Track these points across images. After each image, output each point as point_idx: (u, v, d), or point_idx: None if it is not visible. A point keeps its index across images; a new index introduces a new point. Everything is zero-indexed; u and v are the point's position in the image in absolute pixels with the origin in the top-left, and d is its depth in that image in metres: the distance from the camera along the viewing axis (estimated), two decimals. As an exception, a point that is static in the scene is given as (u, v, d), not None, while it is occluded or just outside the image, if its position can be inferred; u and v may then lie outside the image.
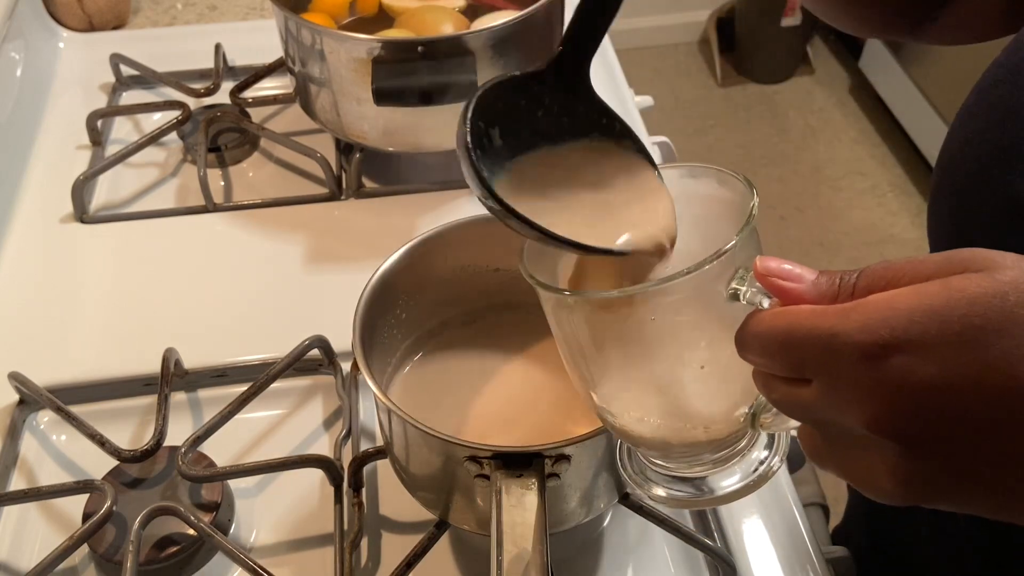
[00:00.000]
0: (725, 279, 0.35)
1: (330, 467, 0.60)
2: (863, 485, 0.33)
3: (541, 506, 0.45)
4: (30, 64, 0.93)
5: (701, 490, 0.42)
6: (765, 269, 0.34)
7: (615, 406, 0.40)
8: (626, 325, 0.38)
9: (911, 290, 0.30)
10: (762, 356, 0.34)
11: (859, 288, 0.32)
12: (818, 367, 0.32)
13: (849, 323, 0.30)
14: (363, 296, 0.54)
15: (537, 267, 0.40)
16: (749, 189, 0.38)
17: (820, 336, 0.31)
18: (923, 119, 2.16)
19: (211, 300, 0.74)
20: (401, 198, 0.82)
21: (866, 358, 0.30)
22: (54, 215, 0.80)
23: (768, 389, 0.35)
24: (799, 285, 0.33)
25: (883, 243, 2.09)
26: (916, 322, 0.29)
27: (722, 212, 0.40)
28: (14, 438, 0.64)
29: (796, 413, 0.35)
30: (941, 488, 0.31)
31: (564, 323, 0.40)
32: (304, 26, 0.74)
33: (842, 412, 0.31)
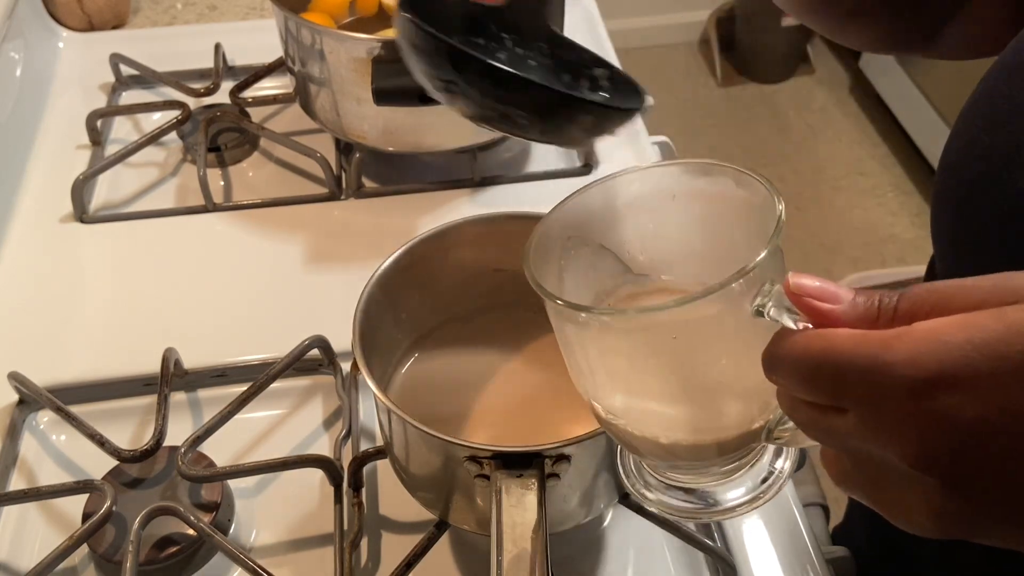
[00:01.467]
0: (750, 295, 0.33)
1: (330, 467, 0.60)
2: (896, 517, 0.32)
3: (541, 506, 0.45)
4: (30, 64, 0.93)
5: (706, 501, 0.41)
6: (798, 287, 0.32)
7: (622, 418, 0.39)
8: (643, 342, 0.37)
9: (961, 321, 0.28)
10: (793, 380, 0.32)
11: (900, 312, 0.30)
12: (858, 398, 0.30)
13: (895, 354, 0.28)
14: (363, 296, 0.54)
15: (543, 271, 0.39)
16: (772, 194, 0.36)
17: (862, 366, 0.29)
18: (923, 119, 2.16)
19: (211, 300, 0.74)
20: (401, 198, 0.82)
21: (913, 393, 0.28)
22: (54, 215, 0.80)
23: (796, 412, 0.33)
24: (835, 306, 0.31)
25: (883, 243, 2.09)
26: (968, 357, 0.27)
27: (736, 214, 0.39)
28: (14, 438, 0.64)
29: (826, 440, 0.33)
30: (981, 525, 0.30)
31: (574, 336, 0.38)
32: (304, 26, 0.74)
33: (882, 445, 0.30)
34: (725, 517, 0.47)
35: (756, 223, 0.37)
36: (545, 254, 0.40)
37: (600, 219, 0.41)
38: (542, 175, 0.84)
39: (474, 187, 0.83)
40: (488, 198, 0.82)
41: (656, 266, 0.42)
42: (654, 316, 0.35)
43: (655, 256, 0.42)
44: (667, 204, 0.41)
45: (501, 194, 0.82)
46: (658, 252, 0.42)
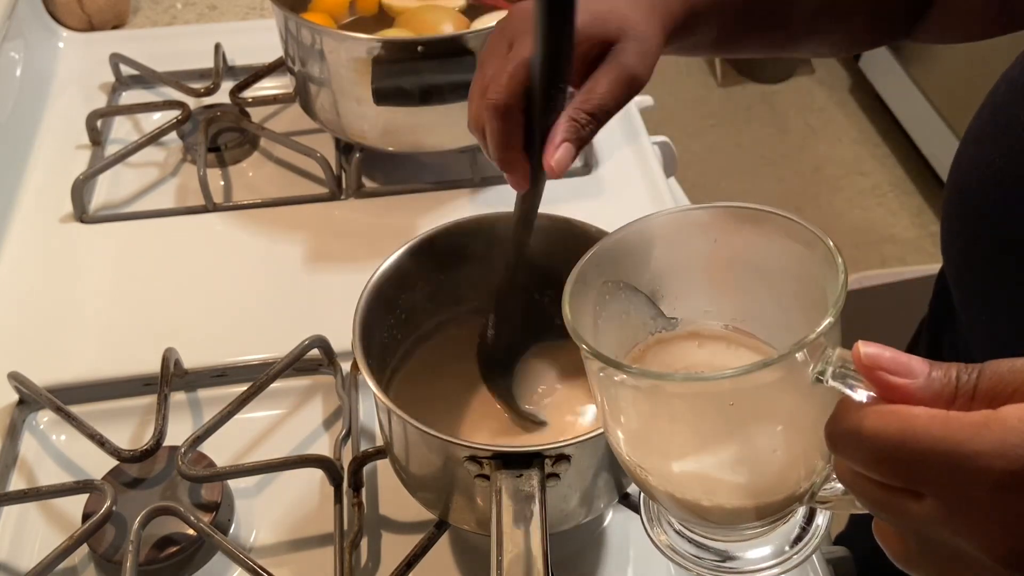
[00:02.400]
0: (812, 362, 0.32)
1: (330, 467, 0.60)
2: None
3: (541, 506, 0.45)
4: (30, 64, 0.93)
5: (735, 557, 0.40)
6: (870, 359, 0.29)
7: (661, 478, 0.37)
8: (698, 407, 0.35)
9: None
10: (862, 459, 0.30)
11: (980, 392, 0.29)
12: (939, 486, 0.28)
13: (984, 444, 0.27)
14: (363, 296, 0.54)
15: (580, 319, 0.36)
16: (833, 254, 0.34)
17: (945, 453, 0.27)
18: (923, 119, 2.16)
19: (211, 300, 0.74)
20: (401, 198, 0.82)
21: (1003, 488, 0.26)
22: (54, 215, 0.80)
23: (859, 491, 0.31)
24: (910, 381, 0.29)
25: (883, 243, 2.09)
26: None
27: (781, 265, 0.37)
28: (14, 438, 0.64)
29: (895, 521, 0.31)
30: None
31: (617, 393, 0.36)
32: (304, 26, 0.74)
33: (964, 538, 0.28)
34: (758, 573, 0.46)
35: (803, 275, 0.36)
36: (582, 300, 0.38)
37: (636, 260, 0.40)
38: (542, 175, 0.84)
39: (474, 187, 0.83)
40: (488, 198, 0.82)
41: (691, 311, 0.41)
42: (711, 384, 0.33)
43: (692, 299, 0.41)
44: (706, 248, 0.39)
45: (501, 194, 0.82)
46: (695, 295, 0.41)
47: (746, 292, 0.40)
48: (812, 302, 0.34)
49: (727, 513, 0.37)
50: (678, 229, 0.39)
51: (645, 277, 0.40)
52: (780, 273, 0.38)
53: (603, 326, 0.39)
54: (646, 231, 0.39)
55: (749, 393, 0.33)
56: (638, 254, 0.40)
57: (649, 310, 0.41)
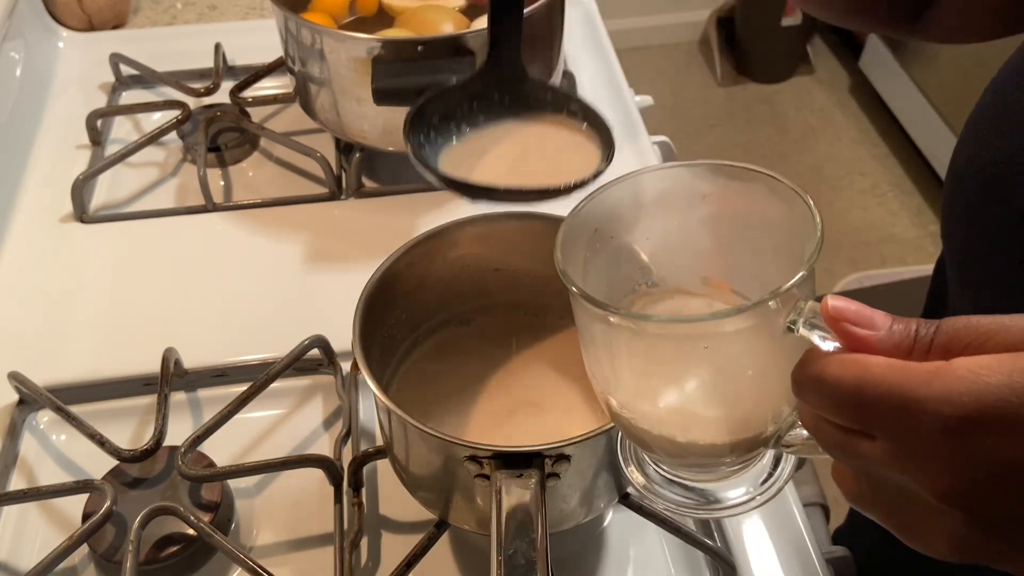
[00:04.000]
0: (784, 312, 0.34)
1: (330, 467, 0.60)
2: (913, 540, 0.32)
3: (541, 506, 0.45)
4: (30, 64, 0.93)
5: (706, 499, 0.42)
6: (836, 311, 0.32)
7: (638, 415, 0.39)
8: (674, 349, 0.37)
9: (1000, 362, 0.28)
10: (823, 403, 0.32)
11: (936, 345, 0.30)
12: (890, 429, 0.30)
13: (933, 390, 0.29)
14: (363, 296, 0.54)
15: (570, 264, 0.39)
16: (812, 212, 0.36)
17: (898, 398, 0.29)
18: (923, 119, 2.16)
19: (211, 300, 0.74)
20: (401, 198, 0.82)
21: (948, 431, 0.28)
22: (54, 215, 0.80)
23: (820, 431, 0.33)
24: (872, 333, 0.31)
25: (883, 243, 2.09)
26: (1008, 401, 0.28)
27: (765, 222, 0.39)
28: (14, 438, 0.64)
29: (848, 461, 0.33)
30: (1001, 558, 0.31)
31: (601, 335, 0.38)
32: (304, 26, 0.74)
33: (911, 476, 0.30)
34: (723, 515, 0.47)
35: (786, 233, 0.37)
36: (572, 247, 0.39)
37: (627, 214, 0.41)
38: (542, 175, 0.84)
39: (474, 187, 0.83)
40: (488, 198, 0.82)
41: (679, 263, 0.42)
42: (690, 327, 0.36)
43: (679, 253, 0.42)
44: (696, 203, 0.41)
45: (501, 194, 0.82)
46: (683, 249, 0.42)
47: (731, 248, 0.41)
48: (793, 259, 0.36)
49: (700, 450, 0.39)
50: (668, 184, 0.41)
51: (635, 230, 0.42)
52: (764, 230, 0.39)
53: (592, 273, 0.40)
54: (637, 185, 0.41)
55: (723, 337, 0.35)
56: (628, 207, 0.41)
57: (637, 262, 0.42)
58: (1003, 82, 0.47)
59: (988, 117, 0.48)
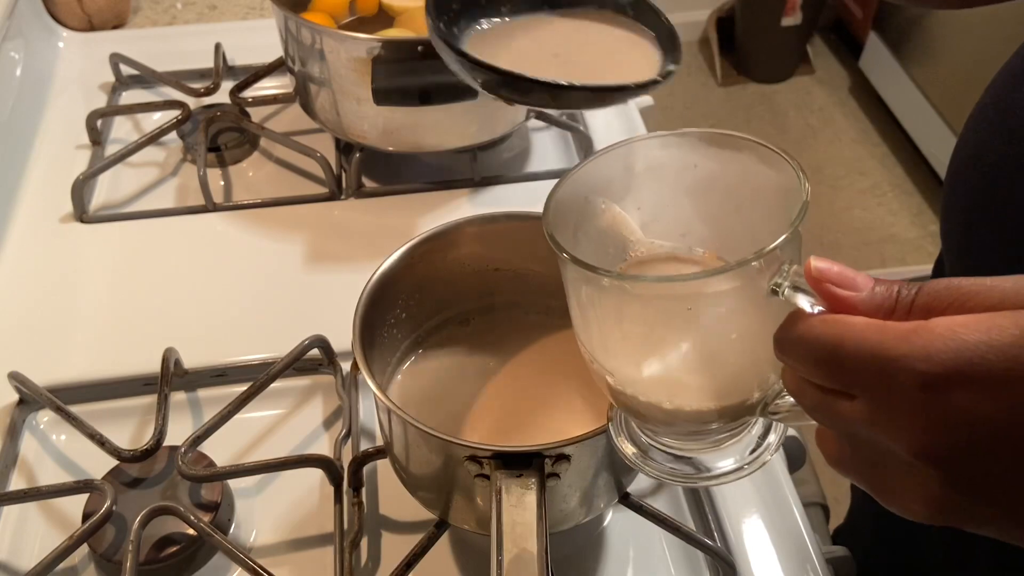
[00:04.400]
0: (768, 274, 0.34)
1: (330, 467, 0.60)
2: (890, 502, 0.33)
3: (541, 506, 0.45)
4: (30, 64, 0.93)
5: (696, 468, 0.42)
6: (819, 272, 0.32)
7: (626, 381, 0.40)
8: (658, 309, 0.37)
9: (978, 320, 0.28)
10: (805, 362, 0.32)
11: (917, 306, 0.31)
12: (869, 387, 0.30)
13: (911, 348, 0.29)
14: (363, 296, 0.54)
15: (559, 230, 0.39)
16: (799, 176, 0.36)
17: (877, 357, 0.29)
18: (923, 119, 2.16)
19: (211, 300, 0.74)
20: (401, 198, 0.82)
21: (925, 388, 0.28)
22: (54, 215, 0.80)
23: (802, 393, 0.34)
24: (854, 294, 0.32)
25: (883, 243, 2.09)
26: (983, 357, 0.28)
27: (756, 190, 0.39)
28: (14, 438, 0.64)
29: (830, 423, 0.33)
30: (976, 518, 0.31)
31: (588, 297, 0.39)
32: (304, 26, 0.74)
33: (888, 435, 0.30)
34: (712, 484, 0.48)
35: (776, 200, 0.37)
36: (563, 213, 0.40)
37: (618, 181, 0.41)
38: (542, 175, 0.84)
39: (474, 187, 0.83)
40: (488, 198, 0.82)
41: (670, 232, 0.42)
42: (673, 286, 0.36)
43: (669, 222, 0.42)
44: (687, 172, 0.41)
45: (501, 194, 0.82)
46: (673, 219, 0.42)
47: (722, 216, 0.42)
48: (783, 222, 0.36)
49: (687, 415, 0.39)
50: (659, 153, 0.41)
51: (625, 199, 0.42)
52: (755, 197, 0.39)
53: (583, 239, 0.41)
54: (628, 154, 0.41)
55: (707, 299, 0.35)
56: (619, 176, 0.41)
57: (630, 229, 0.42)
58: (1002, 83, 0.48)
59: (987, 118, 0.48)
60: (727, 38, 2.58)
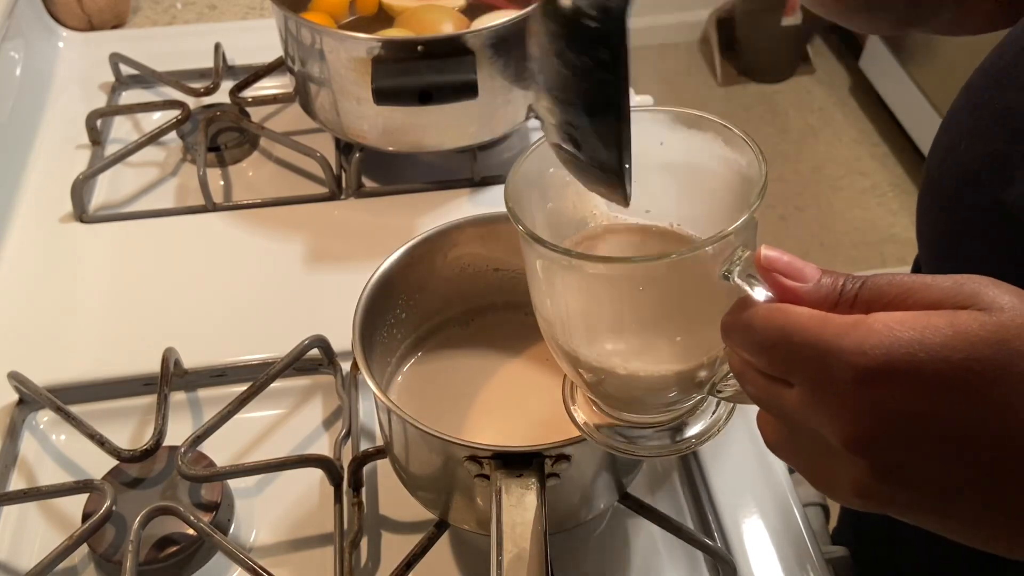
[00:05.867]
0: (721, 259, 0.35)
1: (330, 467, 0.60)
2: (820, 486, 0.34)
3: (541, 506, 0.45)
4: (29, 63, 0.93)
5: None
6: (767, 261, 0.33)
7: (582, 353, 0.40)
8: (611, 287, 0.38)
9: (914, 318, 0.30)
10: (748, 349, 0.34)
11: (860, 299, 0.32)
12: (806, 376, 0.32)
13: (848, 341, 0.30)
14: (363, 296, 0.54)
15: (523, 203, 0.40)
16: (758, 160, 0.37)
17: (815, 347, 0.31)
18: (923, 118, 2.16)
19: (211, 300, 0.74)
20: (401, 198, 0.82)
21: (858, 380, 0.30)
22: (54, 215, 0.80)
23: (744, 377, 0.35)
24: (800, 284, 0.33)
25: (883, 243, 2.09)
26: (915, 355, 0.29)
27: (717, 171, 0.40)
28: (14, 438, 0.64)
29: (769, 407, 0.35)
30: (899, 507, 0.32)
31: (543, 275, 0.40)
32: (304, 25, 0.74)
33: (821, 423, 0.32)
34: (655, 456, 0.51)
35: (737, 183, 0.38)
36: (525, 187, 0.41)
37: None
38: (542, 175, 0.84)
39: (474, 187, 0.83)
40: (488, 198, 0.82)
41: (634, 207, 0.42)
42: (625, 266, 0.37)
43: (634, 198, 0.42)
44: (654, 149, 0.41)
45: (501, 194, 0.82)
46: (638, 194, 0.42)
47: (685, 195, 0.43)
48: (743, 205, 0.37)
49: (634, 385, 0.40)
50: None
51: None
52: (716, 179, 0.40)
53: (543, 215, 0.42)
54: None
55: (659, 280, 0.37)
56: None
57: (593, 201, 0.43)
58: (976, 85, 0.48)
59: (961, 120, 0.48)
60: (727, 38, 2.58)
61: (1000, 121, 0.45)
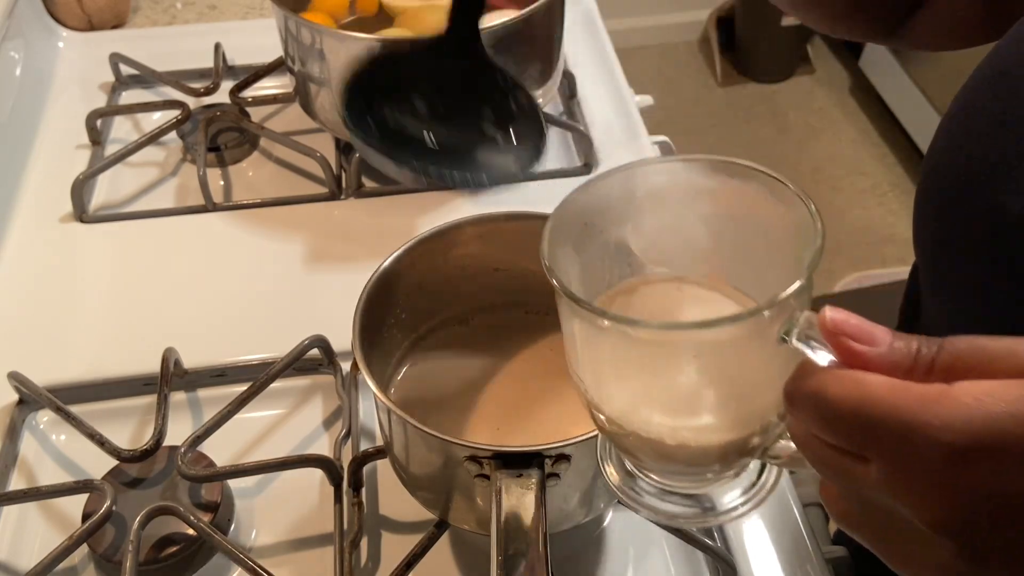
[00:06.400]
0: (779, 322, 0.32)
1: (330, 467, 0.60)
2: (900, 567, 0.32)
3: (541, 506, 0.45)
4: (29, 63, 0.93)
5: (703, 506, 0.41)
6: (834, 325, 0.30)
7: (624, 420, 0.38)
8: (663, 355, 0.36)
9: (1005, 389, 0.27)
10: (818, 422, 0.31)
11: (939, 366, 0.29)
12: (887, 453, 0.29)
13: (935, 416, 0.27)
14: (363, 296, 0.54)
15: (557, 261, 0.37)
16: (813, 217, 0.34)
17: (897, 422, 0.28)
18: (923, 118, 2.16)
19: (211, 300, 0.74)
20: (401, 198, 0.82)
21: (947, 460, 0.27)
22: (53, 214, 0.80)
23: (810, 451, 0.32)
24: (871, 349, 0.30)
25: (883, 243, 2.09)
26: (1011, 432, 0.26)
27: (761, 223, 0.37)
28: (14, 438, 0.64)
29: (840, 482, 0.32)
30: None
31: (584, 338, 0.37)
32: (304, 25, 0.74)
33: (904, 503, 0.29)
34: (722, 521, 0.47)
35: (784, 235, 0.36)
36: (560, 242, 0.38)
37: (618, 208, 0.40)
38: (542, 175, 0.84)
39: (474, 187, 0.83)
40: (488, 198, 0.82)
41: (669, 260, 0.41)
42: (680, 334, 0.34)
43: (671, 251, 0.41)
44: (691, 200, 0.39)
45: (501, 194, 0.82)
46: (674, 247, 0.41)
47: (727, 247, 0.40)
48: (791, 261, 0.34)
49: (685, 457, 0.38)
50: (663, 179, 0.40)
51: (626, 225, 0.41)
52: (762, 231, 0.38)
53: (580, 268, 0.39)
54: (629, 179, 0.39)
55: (714, 346, 0.34)
56: (620, 201, 0.40)
57: (629, 257, 0.41)
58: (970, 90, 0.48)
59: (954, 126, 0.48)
60: (727, 38, 2.58)
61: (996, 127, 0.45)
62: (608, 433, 0.40)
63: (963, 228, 0.47)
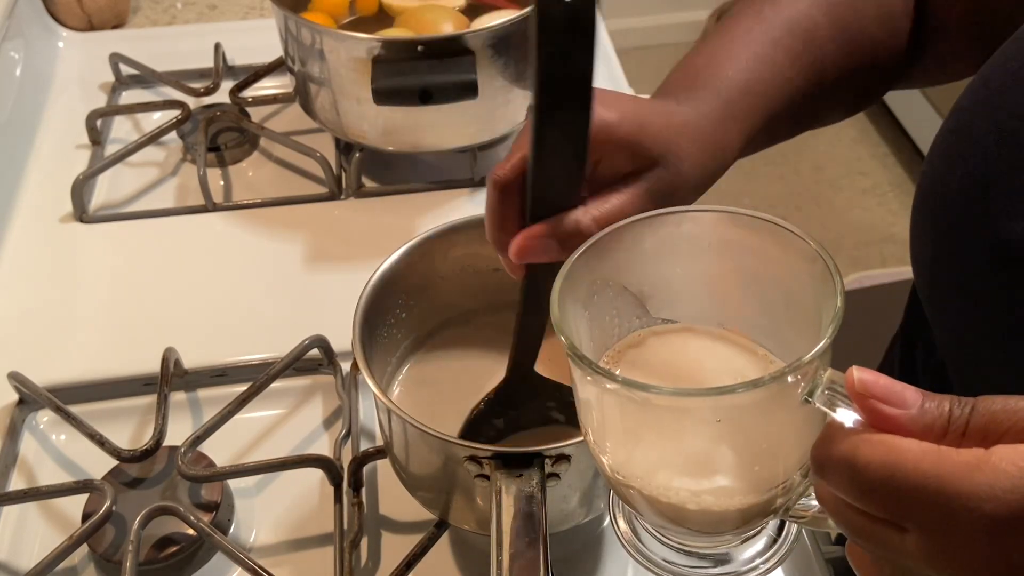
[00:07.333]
0: (802, 384, 0.31)
1: (330, 467, 0.60)
2: None
3: (541, 506, 0.45)
4: (30, 63, 0.93)
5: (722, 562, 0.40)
6: (862, 386, 0.29)
7: (640, 484, 0.36)
8: (685, 421, 0.35)
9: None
10: (849, 490, 0.29)
11: (972, 428, 0.28)
12: (925, 522, 0.28)
13: (974, 485, 0.26)
14: (363, 296, 0.54)
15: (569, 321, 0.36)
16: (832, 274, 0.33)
17: (935, 491, 0.27)
18: (923, 118, 2.16)
19: (211, 300, 0.74)
20: (401, 198, 0.82)
21: (990, 531, 0.26)
22: (54, 214, 0.80)
23: (842, 517, 0.31)
24: (901, 411, 0.29)
25: (883, 243, 2.09)
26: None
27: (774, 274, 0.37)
28: (14, 438, 0.64)
29: (874, 550, 0.31)
30: None
31: (600, 400, 0.36)
32: (304, 25, 0.74)
33: (941, 572, 0.28)
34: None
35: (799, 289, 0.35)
36: (570, 298, 0.37)
37: (628, 260, 0.39)
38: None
39: (474, 187, 0.83)
40: (488, 198, 0.82)
41: (681, 314, 0.41)
42: (699, 400, 0.33)
43: (681, 303, 0.41)
44: (701, 253, 0.39)
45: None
46: (685, 299, 0.40)
47: (738, 298, 0.40)
48: (805, 315, 0.34)
49: (700, 520, 0.37)
50: (673, 231, 0.39)
51: (636, 277, 0.40)
52: (774, 283, 0.37)
53: (591, 323, 0.39)
54: (640, 230, 0.39)
55: (735, 410, 0.33)
56: (630, 253, 0.39)
57: (637, 310, 0.41)
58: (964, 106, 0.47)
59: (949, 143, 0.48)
60: (727, 38, 2.58)
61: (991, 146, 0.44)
62: (628, 497, 0.38)
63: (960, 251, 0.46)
